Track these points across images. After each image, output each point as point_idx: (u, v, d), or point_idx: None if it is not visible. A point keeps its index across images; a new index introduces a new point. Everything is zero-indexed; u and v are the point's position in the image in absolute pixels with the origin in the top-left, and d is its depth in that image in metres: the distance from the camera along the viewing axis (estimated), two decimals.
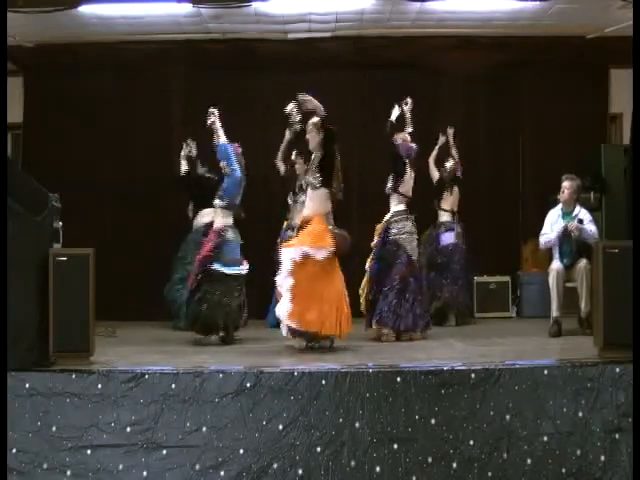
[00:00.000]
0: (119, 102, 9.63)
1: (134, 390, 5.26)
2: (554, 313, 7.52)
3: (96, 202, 9.56)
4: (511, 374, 5.28)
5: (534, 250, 9.34)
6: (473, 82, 9.78)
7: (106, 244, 8.88)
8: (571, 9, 8.39)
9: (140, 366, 5.51)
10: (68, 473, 5.13)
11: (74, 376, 5.31)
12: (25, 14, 7.43)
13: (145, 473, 5.12)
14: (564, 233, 7.60)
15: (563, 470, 5.12)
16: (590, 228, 7.55)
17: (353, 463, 5.09)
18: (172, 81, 9.85)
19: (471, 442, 5.14)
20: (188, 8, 8.14)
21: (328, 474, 5.07)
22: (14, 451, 5.13)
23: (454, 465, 5.11)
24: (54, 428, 5.20)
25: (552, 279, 7.55)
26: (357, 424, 5.16)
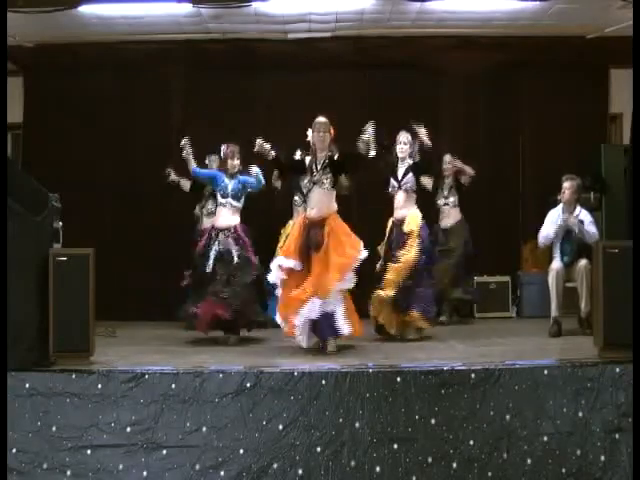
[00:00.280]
0: (119, 102, 9.62)
1: (134, 390, 5.26)
2: (554, 313, 7.52)
3: (96, 202, 9.55)
4: (511, 374, 5.28)
5: (534, 250, 9.35)
6: (473, 82, 9.77)
7: (106, 244, 8.87)
8: (571, 9, 8.38)
9: (140, 366, 5.51)
10: (68, 473, 5.14)
11: (74, 376, 5.31)
12: (25, 14, 7.43)
13: (145, 473, 5.12)
14: (564, 228, 7.59)
15: (563, 470, 5.12)
16: (591, 230, 7.54)
17: (353, 463, 5.09)
18: (172, 81, 9.85)
19: (471, 442, 5.14)
20: (188, 8, 8.14)
21: (328, 474, 5.07)
22: (14, 451, 5.13)
23: (454, 465, 5.11)
24: (54, 428, 5.21)
25: (552, 279, 7.54)
26: (357, 424, 5.16)
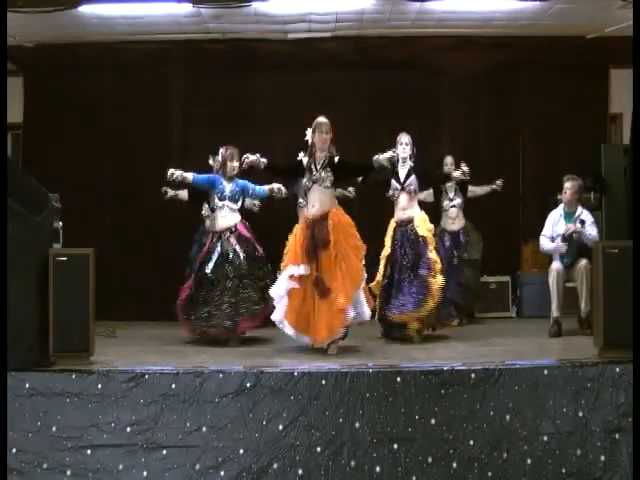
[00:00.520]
0: (119, 102, 9.61)
1: (134, 390, 5.26)
2: (554, 313, 7.51)
3: (96, 202, 9.54)
4: (511, 374, 5.28)
5: (534, 250, 9.33)
6: (473, 82, 9.76)
7: (106, 244, 8.89)
8: (571, 9, 8.37)
9: (140, 366, 5.51)
10: (68, 473, 5.14)
11: (74, 376, 5.31)
12: (25, 14, 7.42)
13: (145, 473, 5.13)
14: (564, 239, 7.60)
15: (563, 470, 5.13)
16: (590, 232, 7.52)
17: (353, 463, 5.09)
18: (172, 81, 9.83)
19: (471, 442, 5.14)
20: (188, 8, 8.13)
21: (328, 474, 5.08)
22: (14, 451, 5.14)
23: (454, 465, 5.11)
24: (54, 428, 5.21)
25: (552, 279, 7.54)
26: (357, 424, 5.16)
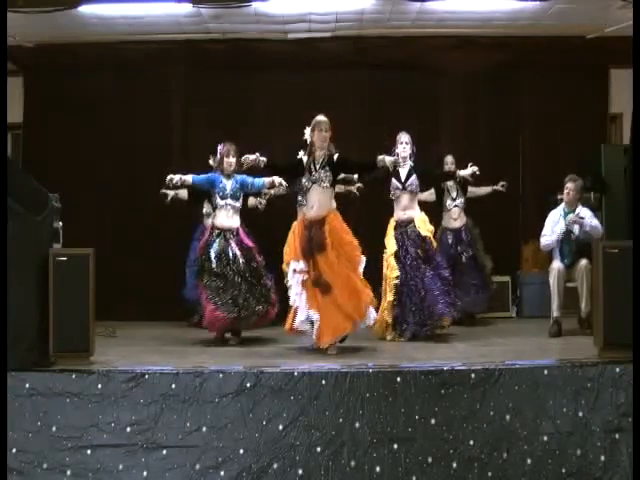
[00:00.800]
0: (119, 102, 9.61)
1: (134, 390, 5.26)
2: (554, 313, 7.52)
3: (96, 202, 9.55)
4: (511, 374, 5.28)
5: (534, 250, 9.34)
6: (473, 82, 9.76)
7: (106, 244, 8.89)
8: (571, 9, 8.37)
9: (140, 366, 5.51)
10: (68, 473, 5.14)
11: (74, 376, 5.31)
12: (25, 14, 7.42)
13: (145, 473, 5.13)
14: (564, 234, 7.60)
15: (563, 470, 5.13)
16: (592, 222, 7.53)
17: (353, 463, 5.10)
18: (172, 81, 9.83)
19: (471, 442, 5.14)
20: (188, 8, 8.13)
21: (328, 474, 5.08)
22: (14, 451, 5.14)
23: (454, 465, 5.11)
24: (54, 428, 5.21)
25: (552, 279, 7.54)
26: (357, 424, 5.16)
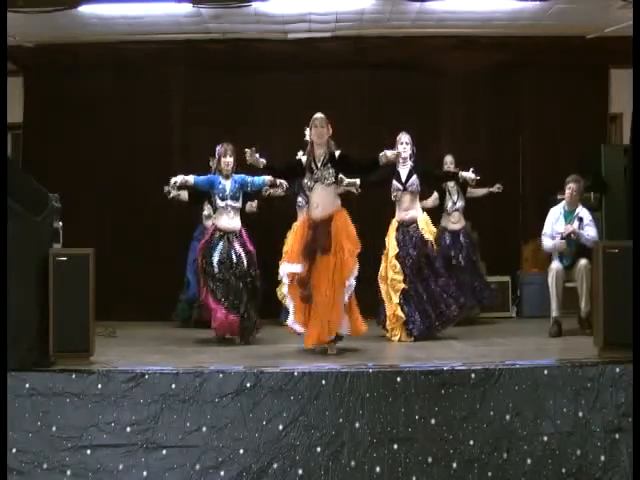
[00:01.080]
0: (119, 102, 9.62)
1: (134, 390, 5.26)
2: (554, 313, 7.51)
3: (96, 202, 9.55)
4: (511, 374, 5.28)
5: (534, 250, 9.35)
6: (473, 82, 9.77)
7: (106, 244, 8.90)
8: (571, 9, 8.38)
9: (140, 366, 5.51)
10: (68, 473, 5.14)
11: (74, 376, 5.31)
12: (25, 14, 7.42)
13: (145, 473, 5.12)
14: (562, 239, 7.61)
15: (563, 470, 5.13)
16: (589, 233, 7.52)
17: (353, 463, 5.09)
18: (172, 81, 9.84)
19: (471, 442, 5.14)
20: (188, 8, 8.13)
21: (328, 474, 5.07)
22: (14, 451, 5.13)
23: (454, 465, 5.11)
24: (54, 428, 5.21)
25: (552, 279, 7.54)
26: (357, 424, 5.16)
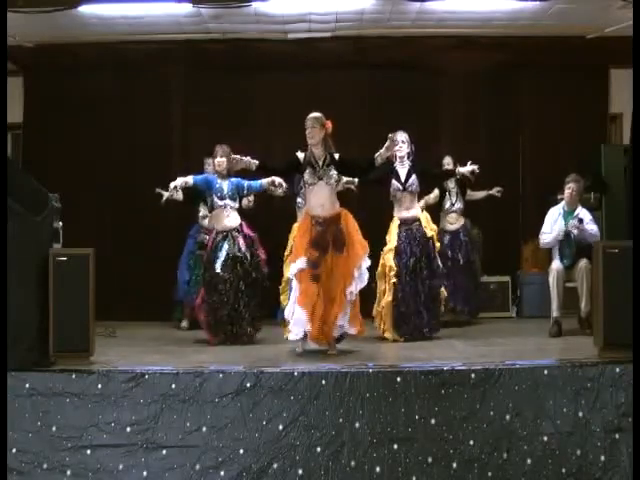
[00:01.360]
0: (119, 102, 9.61)
1: (134, 390, 5.26)
2: (554, 313, 7.51)
3: (96, 202, 9.55)
4: (511, 374, 5.28)
5: (534, 250, 9.34)
6: (473, 82, 9.76)
7: (106, 244, 8.90)
8: (571, 9, 8.37)
9: (140, 366, 5.51)
10: (68, 473, 5.14)
11: (74, 376, 5.31)
12: (25, 14, 7.41)
13: (145, 473, 5.13)
14: (564, 235, 7.60)
15: (563, 470, 5.13)
16: (591, 228, 7.54)
17: (353, 463, 5.09)
18: (172, 81, 9.84)
19: (471, 442, 5.14)
20: (188, 8, 8.13)
21: (328, 474, 5.07)
22: (14, 451, 5.13)
23: (454, 465, 5.11)
24: (54, 428, 5.21)
25: (552, 279, 7.54)
26: (357, 424, 5.16)
